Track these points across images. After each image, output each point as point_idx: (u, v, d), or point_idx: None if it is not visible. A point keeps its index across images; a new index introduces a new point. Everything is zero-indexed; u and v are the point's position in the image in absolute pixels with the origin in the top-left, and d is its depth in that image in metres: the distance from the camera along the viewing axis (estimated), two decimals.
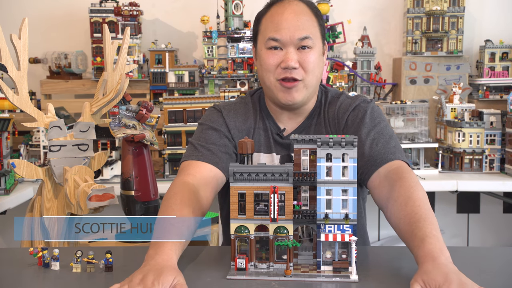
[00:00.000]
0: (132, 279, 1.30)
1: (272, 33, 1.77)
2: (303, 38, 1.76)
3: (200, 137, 1.85)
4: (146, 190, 2.20)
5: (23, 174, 1.89)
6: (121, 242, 2.26)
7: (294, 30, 1.76)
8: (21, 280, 1.46)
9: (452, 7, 3.41)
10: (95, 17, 3.39)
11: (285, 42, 1.77)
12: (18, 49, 1.86)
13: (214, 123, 1.88)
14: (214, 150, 1.79)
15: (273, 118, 1.91)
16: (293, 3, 1.80)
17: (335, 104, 1.89)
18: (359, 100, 1.88)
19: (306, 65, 1.77)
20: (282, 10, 1.78)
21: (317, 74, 1.81)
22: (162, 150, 3.08)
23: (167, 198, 1.63)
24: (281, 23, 1.76)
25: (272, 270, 1.45)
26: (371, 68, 3.48)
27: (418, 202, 1.48)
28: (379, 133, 1.77)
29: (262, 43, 1.81)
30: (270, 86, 1.82)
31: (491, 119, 3.17)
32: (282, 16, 1.77)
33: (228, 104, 1.97)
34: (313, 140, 1.43)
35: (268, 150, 1.88)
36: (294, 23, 1.76)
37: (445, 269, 1.28)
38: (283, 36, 1.76)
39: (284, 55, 1.77)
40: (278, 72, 1.78)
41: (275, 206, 1.42)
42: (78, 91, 3.52)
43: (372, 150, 1.73)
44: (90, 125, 1.96)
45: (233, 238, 1.46)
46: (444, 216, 3.71)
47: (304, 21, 1.78)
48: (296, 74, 1.77)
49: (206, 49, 3.41)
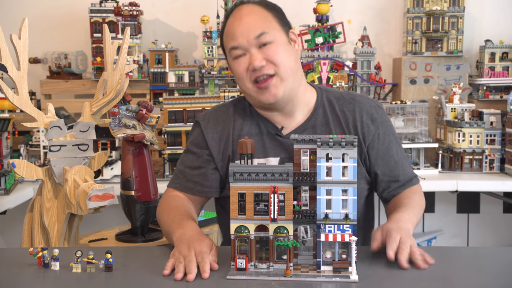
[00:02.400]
0: (180, 251, 1.51)
1: (231, 43, 1.81)
2: (259, 36, 1.77)
3: (181, 162, 1.98)
4: (146, 190, 2.20)
5: (23, 174, 1.89)
6: (121, 242, 2.26)
7: (248, 32, 1.78)
8: (21, 280, 1.46)
9: (452, 7, 3.41)
10: (95, 17, 3.39)
11: (244, 46, 1.79)
12: (18, 49, 1.86)
13: (192, 144, 1.96)
14: (189, 176, 1.92)
15: (268, 120, 1.90)
16: (241, 9, 1.83)
17: (351, 105, 1.90)
18: (380, 110, 1.92)
19: (272, 59, 1.78)
20: (233, 20, 1.82)
21: (289, 64, 1.80)
22: (162, 150, 3.07)
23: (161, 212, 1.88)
24: (235, 31, 1.80)
25: (272, 270, 1.45)
26: (371, 68, 3.48)
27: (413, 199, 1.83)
28: (402, 151, 1.95)
29: (229, 56, 1.85)
30: (249, 92, 1.83)
31: (491, 119, 3.17)
32: (234, 25, 1.81)
33: (209, 113, 1.99)
34: (313, 140, 1.43)
35: (263, 155, 1.86)
36: (246, 26, 1.78)
37: (401, 227, 1.59)
38: (239, 41, 1.79)
39: (249, 58, 1.79)
40: (249, 76, 1.80)
41: (275, 206, 1.43)
42: (78, 91, 3.51)
43: (400, 169, 1.90)
44: (90, 125, 1.96)
45: (233, 238, 1.46)
46: (444, 216, 3.71)
47: (255, 20, 1.79)
48: (266, 70, 1.78)
49: (206, 49, 3.41)
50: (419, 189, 1.94)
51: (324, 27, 3.48)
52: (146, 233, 2.28)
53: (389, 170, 1.88)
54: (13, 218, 3.16)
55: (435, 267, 1.51)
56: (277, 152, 1.86)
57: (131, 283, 1.43)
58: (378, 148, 1.88)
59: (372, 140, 1.87)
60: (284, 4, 2.00)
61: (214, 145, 1.90)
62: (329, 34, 3.49)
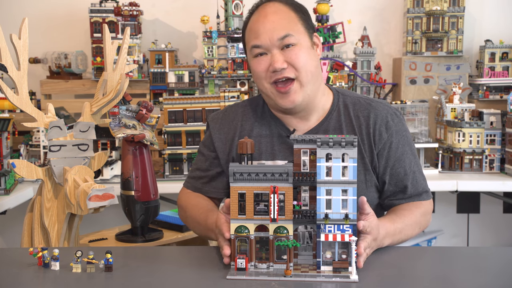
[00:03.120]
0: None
1: (253, 41, 1.77)
2: (283, 37, 1.74)
3: (194, 162, 2.02)
4: (146, 190, 2.20)
5: (23, 174, 1.89)
6: (121, 242, 2.26)
7: (272, 32, 1.74)
8: (21, 280, 1.46)
9: (452, 7, 3.41)
10: (95, 17, 3.39)
11: (266, 46, 1.75)
12: (18, 49, 1.86)
13: (203, 144, 1.98)
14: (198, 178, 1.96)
15: (281, 121, 1.88)
16: (267, 6, 1.79)
17: (366, 111, 1.84)
18: (396, 119, 1.85)
19: (294, 62, 1.74)
20: (258, 16, 1.79)
21: (310, 68, 1.77)
22: (162, 150, 3.07)
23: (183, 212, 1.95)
24: (259, 29, 1.76)
25: (272, 270, 1.45)
26: (371, 68, 3.48)
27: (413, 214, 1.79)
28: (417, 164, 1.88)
29: (249, 53, 1.82)
30: (267, 93, 1.80)
31: (491, 119, 3.17)
32: (259, 22, 1.77)
33: (220, 112, 1.98)
34: (313, 140, 1.43)
35: (271, 157, 1.84)
36: (271, 25, 1.75)
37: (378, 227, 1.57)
38: (262, 41, 1.75)
39: (270, 59, 1.76)
40: (269, 76, 1.76)
41: (275, 206, 1.43)
42: (78, 91, 3.51)
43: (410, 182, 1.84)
44: (90, 125, 1.96)
45: (233, 238, 1.46)
46: (444, 216, 3.71)
47: (281, 20, 1.76)
48: (286, 73, 1.74)
49: (206, 49, 3.41)
50: (426, 205, 1.86)
51: (324, 27, 3.48)
52: (146, 233, 2.28)
53: (397, 180, 1.82)
54: (13, 218, 3.16)
55: (435, 267, 1.51)
56: (286, 155, 1.83)
57: (131, 283, 1.43)
58: (388, 157, 1.81)
59: (382, 148, 1.81)
60: None
61: (221, 146, 1.90)
62: (329, 34, 3.49)
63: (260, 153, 1.85)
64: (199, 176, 1.95)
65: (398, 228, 1.68)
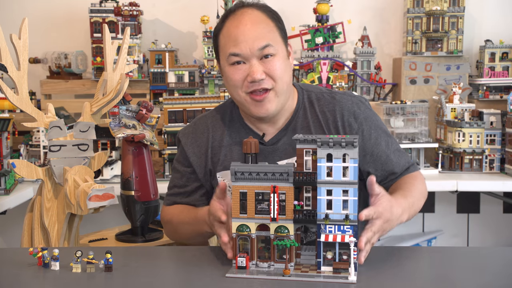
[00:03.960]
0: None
1: (232, 48, 1.73)
2: (263, 47, 1.71)
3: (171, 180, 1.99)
4: (146, 190, 2.20)
5: (23, 174, 1.89)
6: (121, 242, 2.26)
7: (253, 41, 1.71)
8: (21, 280, 1.46)
9: (452, 7, 3.41)
10: (95, 17, 3.39)
11: (246, 55, 1.72)
12: (18, 49, 1.86)
13: (177, 161, 1.96)
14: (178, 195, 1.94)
15: (250, 127, 1.86)
16: (246, 13, 1.75)
17: (331, 105, 1.84)
18: (362, 106, 1.85)
19: (272, 73, 1.72)
20: (237, 23, 1.73)
21: (286, 79, 1.76)
22: (162, 150, 3.07)
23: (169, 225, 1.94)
24: (238, 36, 1.72)
25: (272, 270, 1.45)
26: (371, 68, 3.48)
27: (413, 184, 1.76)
28: (394, 142, 1.88)
29: (224, 59, 1.77)
30: (241, 101, 1.78)
31: (491, 119, 3.17)
32: (238, 29, 1.72)
33: (188, 127, 1.95)
34: (315, 140, 1.43)
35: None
36: (252, 34, 1.71)
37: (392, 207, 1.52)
38: (242, 50, 1.71)
39: (248, 68, 1.72)
40: (245, 86, 1.74)
41: (275, 206, 1.43)
42: (78, 91, 3.51)
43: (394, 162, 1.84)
44: (90, 125, 1.96)
45: (235, 237, 1.46)
46: (444, 216, 3.71)
47: (261, 29, 1.73)
48: (264, 84, 1.72)
49: (206, 49, 3.41)
50: (419, 175, 1.86)
51: (324, 27, 3.48)
52: (146, 233, 2.28)
53: (381, 165, 1.82)
54: (13, 218, 3.16)
55: (435, 267, 1.52)
56: (259, 159, 1.78)
57: (131, 283, 1.43)
58: (364, 145, 1.80)
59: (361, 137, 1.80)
60: (284, 4, 2.00)
61: (196, 161, 1.88)
62: (329, 34, 3.49)
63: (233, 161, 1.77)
64: (177, 192, 1.94)
65: (411, 202, 1.66)
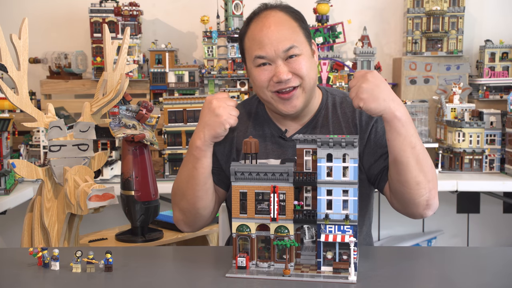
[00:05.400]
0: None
1: (257, 51, 1.77)
2: (288, 49, 1.75)
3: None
4: (146, 190, 2.20)
5: (23, 174, 1.89)
6: (121, 242, 2.26)
7: (277, 43, 1.75)
8: (21, 280, 1.46)
9: (452, 7, 3.41)
10: (95, 17, 3.39)
11: (271, 57, 1.76)
12: (18, 49, 1.86)
13: None
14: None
15: (274, 123, 1.90)
16: (270, 15, 1.78)
17: (352, 106, 1.87)
18: None
19: (299, 72, 1.77)
20: (261, 26, 1.77)
21: (312, 76, 1.81)
22: (162, 150, 3.07)
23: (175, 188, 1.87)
24: (263, 39, 1.76)
25: (272, 270, 1.45)
26: (371, 68, 3.48)
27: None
28: None
29: (250, 61, 1.81)
30: (268, 100, 1.82)
31: (491, 119, 3.17)
32: (262, 32, 1.76)
33: None
34: (315, 140, 1.43)
35: (264, 156, 1.86)
36: (276, 36, 1.75)
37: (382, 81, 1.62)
38: (267, 52, 1.75)
39: (274, 69, 1.76)
40: (272, 86, 1.78)
41: (275, 206, 1.43)
42: (78, 91, 3.51)
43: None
44: (90, 125, 1.97)
45: (235, 237, 1.46)
46: (444, 216, 3.71)
47: (285, 31, 1.76)
48: (291, 82, 1.77)
49: (206, 49, 3.41)
50: None
51: (324, 27, 3.48)
52: (146, 233, 2.28)
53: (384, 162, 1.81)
54: (13, 218, 3.16)
55: (435, 267, 1.52)
56: (279, 154, 1.85)
57: (131, 283, 1.43)
58: (376, 140, 1.83)
59: (369, 134, 1.84)
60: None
61: (219, 148, 1.89)
62: (329, 34, 3.49)
63: None
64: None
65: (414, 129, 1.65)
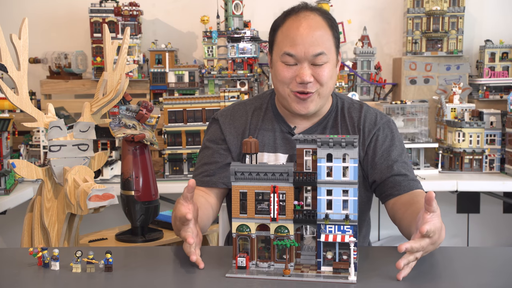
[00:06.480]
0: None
1: (287, 48, 1.79)
2: (317, 54, 1.78)
3: (198, 160, 1.99)
4: (146, 190, 2.20)
5: (23, 174, 1.89)
6: (121, 242, 2.26)
7: (309, 46, 1.77)
8: (21, 280, 1.46)
9: (452, 7, 3.41)
10: (95, 17, 3.39)
11: (299, 58, 1.79)
12: (18, 49, 1.86)
13: (209, 140, 1.98)
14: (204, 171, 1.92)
15: (284, 119, 1.94)
16: (309, 17, 1.80)
17: (358, 112, 1.93)
18: (385, 118, 1.95)
19: (320, 79, 1.80)
20: (298, 25, 1.79)
21: (330, 85, 1.85)
22: (162, 150, 3.07)
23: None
24: (296, 38, 1.78)
25: (272, 270, 1.45)
26: (371, 68, 3.48)
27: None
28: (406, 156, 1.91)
29: (277, 55, 1.84)
30: (284, 96, 1.85)
31: (491, 119, 3.17)
32: (297, 31, 1.78)
33: (227, 109, 2.02)
34: (315, 140, 1.43)
35: (273, 150, 1.91)
36: (309, 39, 1.77)
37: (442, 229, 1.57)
38: (298, 52, 1.78)
39: (298, 69, 1.79)
40: (293, 85, 1.81)
41: (275, 206, 1.43)
42: (78, 91, 3.51)
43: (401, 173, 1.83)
44: (90, 125, 1.96)
45: (235, 237, 1.46)
46: (444, 216, 3.68)
47: (319, 36, 1.78)
48: (310, 87, 1.80)
49: (206, 49, 3.41)
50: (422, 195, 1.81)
51: None
52: (146, 233, 2.28)
53: (387, 167, 1.84)
54: (13, 218, 3.16)
55: (435, 267, 1.51)
56: (287, 149, 1.90)
57: (131, 283, 1.43)
58: (375, 149, 1.87)
59: (370, 142, 1.89)
60: (284, 4, 1.99)
61: (232, 140, 1.94)
62: None
63: (263, 145, 1.92)
64: (204, 170, 1.93)
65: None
